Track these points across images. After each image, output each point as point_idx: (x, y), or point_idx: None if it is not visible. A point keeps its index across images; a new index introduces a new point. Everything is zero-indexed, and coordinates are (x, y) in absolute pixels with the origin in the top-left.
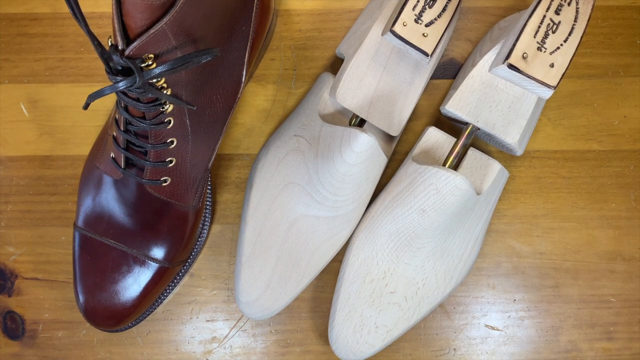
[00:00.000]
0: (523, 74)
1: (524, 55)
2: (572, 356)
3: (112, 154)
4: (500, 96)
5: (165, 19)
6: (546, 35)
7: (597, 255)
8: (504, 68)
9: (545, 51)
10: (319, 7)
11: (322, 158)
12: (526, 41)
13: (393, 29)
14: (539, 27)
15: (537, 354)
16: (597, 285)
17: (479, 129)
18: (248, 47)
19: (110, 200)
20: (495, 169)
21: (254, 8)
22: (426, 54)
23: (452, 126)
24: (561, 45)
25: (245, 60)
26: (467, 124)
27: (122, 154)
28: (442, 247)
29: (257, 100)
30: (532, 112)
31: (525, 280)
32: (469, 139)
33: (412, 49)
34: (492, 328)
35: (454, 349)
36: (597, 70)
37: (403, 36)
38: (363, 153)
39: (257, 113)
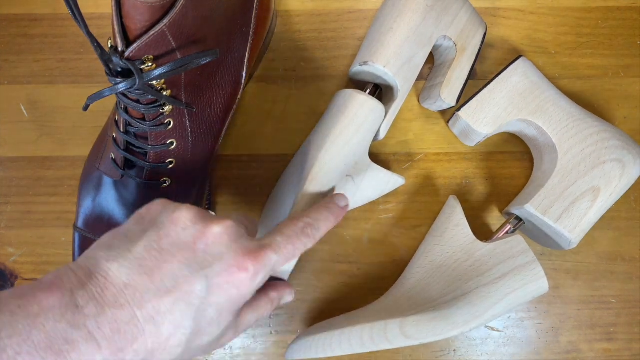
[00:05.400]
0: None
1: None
2: (572, 357)
3: (112, 155)
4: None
5: (165, 21)
6: None
7: (597, 256)
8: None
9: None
10: (319, 8)
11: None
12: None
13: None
14: None
15: (537, 355)
16: (597, 286)
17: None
18: (248, 48)
19: (110, 201)
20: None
21: (254, 9)
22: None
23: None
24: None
25: (245, 61)
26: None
27: (121, 155)
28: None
29: (257, 101)
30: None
31: None
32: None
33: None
34: (492, 329)
35: (454, 350)
36: (597, 71)
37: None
38: None
39: (257, 114)
